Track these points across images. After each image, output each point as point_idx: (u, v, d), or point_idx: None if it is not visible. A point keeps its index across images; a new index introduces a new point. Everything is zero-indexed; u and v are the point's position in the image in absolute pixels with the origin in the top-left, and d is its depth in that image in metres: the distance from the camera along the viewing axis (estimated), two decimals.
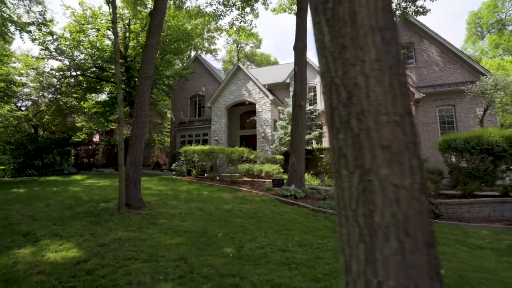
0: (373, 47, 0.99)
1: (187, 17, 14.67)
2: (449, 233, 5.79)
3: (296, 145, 10.15)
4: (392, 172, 0.95)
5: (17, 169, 14.48)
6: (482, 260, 4.36)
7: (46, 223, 5.50)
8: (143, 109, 7.63)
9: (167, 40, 19.31)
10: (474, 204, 7.23)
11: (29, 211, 6.32)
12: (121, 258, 3.94)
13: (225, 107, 20.05)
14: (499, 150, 7.14)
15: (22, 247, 4.22)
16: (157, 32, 7.84)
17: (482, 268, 4.06)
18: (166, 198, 8.53)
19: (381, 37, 1.00)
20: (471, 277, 3.75)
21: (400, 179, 0.95)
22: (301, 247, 4.65)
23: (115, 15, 7.25)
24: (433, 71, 14.16)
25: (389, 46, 1.01)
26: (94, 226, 5.43)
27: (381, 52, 0.99)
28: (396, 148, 0.96)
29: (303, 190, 9.28)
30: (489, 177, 7.49)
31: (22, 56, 17.40)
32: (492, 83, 9.60)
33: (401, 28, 14.87)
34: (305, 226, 5.95)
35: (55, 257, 3.88)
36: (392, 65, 0.99)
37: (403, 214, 0.94)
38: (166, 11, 8.98)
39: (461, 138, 7.71)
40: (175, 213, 6.73)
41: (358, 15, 1.01)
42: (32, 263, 3.69)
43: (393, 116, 0.97)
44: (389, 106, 0.97)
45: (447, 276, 3.76)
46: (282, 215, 6.81)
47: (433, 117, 13.82)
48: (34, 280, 3.26)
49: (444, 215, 7.17)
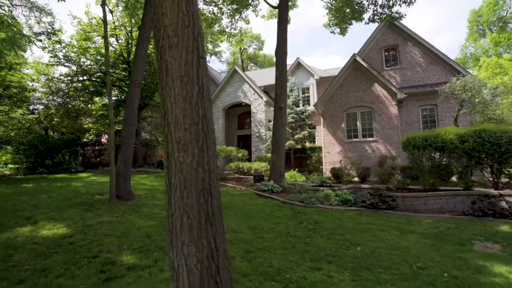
0: (176, 87, 1.85)
1: None
2: (394, 221, 6.51)
3: (276, 144, 10.97)
4: (180, 155, 1.81)
5: (29, 168, 15.82)
6: (404, 241, 5.10)
7: (46, 210, 6.54)
8: (132, 113, 8.62)
9: None
10: (430, 197, 7.88)
11: (34, 201, 7.40)
12: (100, 235, 4.89)
13: (223, 108, 20.99)
14: (452, 147, 7.78)
15: (23, 227, 5.24)
16: (145, 45, 8.83)
17: (398, 246, 4.81)
18: (156, 192, 9.50)
19: (180, 80, 1.85)
20: (382, 252, 4.51)
21: (184, 158, 1.80)
22: (251, 229, 5.50)
23: (106, 32, 8.28)
24: (416, 72, 14.68)
25: (186, 85, 1.86)
26: (85, 213, 6.43)
27: (181, 89, 1.84)
28: (183, 142, 1.81)
29: (281, 185, 10.10)
30: (445, 172, 8.13)
31: (34, 63, 18.85)
32: (461, 84, 10.16)
33: (387, 31, 15.44)
34: (266, 215, 6.79)
35: (48, 234, 4.87)
36: (186, 96, 1.84)
37: (184, 178, 1.80)
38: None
39: (420, 137, 8.37)
40: (158, 203, 7.68)
41: (170, 68, 1.87)
42: (29, 237, 4.69)
43: (183, 125, 1.81)
44: (181, 119, 1.82)
45: (361, 251, 4.54)
46: (251, 206, 7.67)
47: (415, 116, 14.36)
48: (29, 248, 4.24)
49: (401, 207, 7.85)
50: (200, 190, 1.83)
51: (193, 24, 1.94)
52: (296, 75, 21.08)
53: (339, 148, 14.81)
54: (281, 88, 11.10)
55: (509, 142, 7.12)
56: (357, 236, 5.28)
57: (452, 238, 5.30)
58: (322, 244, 4.80)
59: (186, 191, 1.80)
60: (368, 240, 5.10)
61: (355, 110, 14.84)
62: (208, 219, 1.82)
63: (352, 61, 14.87)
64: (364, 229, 5.80)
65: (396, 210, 7.59)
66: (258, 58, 45.24)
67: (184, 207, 1.79)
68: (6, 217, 5.87)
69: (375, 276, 3.57)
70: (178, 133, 1.83)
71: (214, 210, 1.89)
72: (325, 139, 15.44)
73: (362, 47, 15.84)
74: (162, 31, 1.93)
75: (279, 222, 6.20)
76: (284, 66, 11.40)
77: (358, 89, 14.81)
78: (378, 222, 6.39)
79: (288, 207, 7.77)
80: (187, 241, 1.77)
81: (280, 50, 11.18)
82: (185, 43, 1.89)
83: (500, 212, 6.58)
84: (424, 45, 14.47)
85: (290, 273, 3.53)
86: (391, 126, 13.78)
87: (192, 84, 1.88)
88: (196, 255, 1.75)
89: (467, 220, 6.61)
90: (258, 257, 4.09)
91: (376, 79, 14.33)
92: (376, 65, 15.60)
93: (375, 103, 14.35)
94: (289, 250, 4.45)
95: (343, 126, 14.97)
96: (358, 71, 14.90)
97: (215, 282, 1.76)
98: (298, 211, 7.28)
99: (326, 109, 15.46)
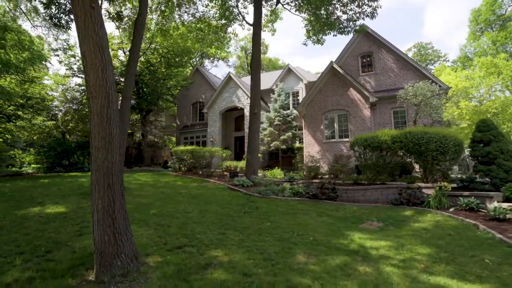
0: (95, 118, 3.56)
1: (179, 39, 17.49)
2: (323, 208, 7.97)
3: (251, 145, 12.58)
4: (97, 154, 3.51)
5: (49, 167, 18.27)
6: (312, 221, 6.59)
7: (53, 198, 8.53)
8: (124, 121, 10.51)
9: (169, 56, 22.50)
10: (368, 189, 9.26)
11: (46, 192, 9.45)
12: (87, 213, 6.75)
13: (219, 112, 22.81)
14: (386, 147, 9.12)
15: (34, 207, 7.20)
16: (134, 65, 10.72)
17: (303, 224, 6.31)
18: (145, 185, 11.38)
19: (97, 115, 3.57)
20: (284, 226, 6.05)
21: (98, 155, 3.51)
22: (200, 211, 7.18)
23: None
24: (389, 77, 15.82)
25: (100, 117, 3.56)
26: (82, 199, 8.35)
27: (97, 119, 3.55)
28: (98, 147, 3.51)
29: (252, 180, 11.71)
30: (381, 169, 9.45)
31: (53, 75, 21.51)
32: (412, 90, 11.35)
33: (363, 39, 16.65)
34: (223, 202, 8.44)
35: (50, 211, 6.79)
36: (100, 123, 3.55)
37: (97, 165, 3.50)
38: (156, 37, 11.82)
39: (363, 138, 9.74)
40: (143, 194, 9.52)
41: (93, 108, 3.59)
42: (37, 213, 6.61)
43: (98, 138, 3.51)
44: (97, 135, 3.51)
45: (270, 225, 6.11)
46: (216, 196, 9.35)
47: (388, 118, 15.50)
48: (36, 219, 6.14)
49: (344, 197, 9.27)
50: (105, 172, 3.53)
51: (105, 84, 3.65)
52: (286, 80, 22.58)
53: (318, 148, 16.21)
54: (255, 95, 12.71)
55: (428, 142, 8.40)
56: (279, 217, 6.84)
57: (354, 219, 6.75)
58: (246, 222, 6.41)
59: (99, 172, 3.50)
60: (285, 220, 6.65)
61: (333, 113, 16.20)
62: (109, 186, 3.52)
63: (329, 68, 16.25)
64: (291, 213, 7.35)
65: (336, 200, 9.03)
66: (263, 62, 46.77)
67: (97, 179, 3.50)
68: (24, 201, 7.89)
69: (260, 237, 5.16)
70: (96, 142, 3.54)
71: (114, 182, 3.58)
72: (306, 139, 16.88)
73: (340, 54, 17.13)
74: (89, 88, 3.65)
75: (228, 207, 7.84)
76: (258, 78, 12.99)
77: (335, 94, 16.16)
78: (309, 208, 7.89)
79: (246, 197, 9.39)
80: (97, 196, 3.49)
81: (254, 64, 12.79)
82: (100, 95, 3.61)
83: (413, 202, 7.91)
84: (396, 52, 15.59)
85: (201, 234, 5.20)
86: (364, 127, 15.03)
87: (103, 117, 3.59)
88: (102, 203, 3.46)
89: (386, 207, 7.98)
90: (189, 225, 5.78)
91: (351, 84, 15.64)
92: (353, 71, 16.85)
93: (351, 106, 15.65)
94: (216, 224, 6.10)
95: (322, 127, 16.36)
96: (335, 77, 16.25)
97: (111, 217, 3.46)
98: (251, 200, 8.89)
99: (307, 112, 16.90)
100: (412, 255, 4.28)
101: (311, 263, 3.96)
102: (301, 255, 4.27)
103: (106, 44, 3.88)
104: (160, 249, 4.40)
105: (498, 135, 7.96)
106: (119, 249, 3.52)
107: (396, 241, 4.97)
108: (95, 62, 3.66)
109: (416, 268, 3.80)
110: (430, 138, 8.42)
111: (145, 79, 22.33)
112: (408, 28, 74.50)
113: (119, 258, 3.49)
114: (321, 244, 4.85)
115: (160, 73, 22.38)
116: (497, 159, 7.74)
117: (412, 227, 5.97)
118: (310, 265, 3.90)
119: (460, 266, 3.82)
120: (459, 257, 4.12)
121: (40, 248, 4.40)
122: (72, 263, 3.80)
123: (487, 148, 7.91)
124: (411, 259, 4.13)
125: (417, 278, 3.49)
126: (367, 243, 4.88)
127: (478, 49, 31.74)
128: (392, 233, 5.54)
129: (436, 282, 3.36)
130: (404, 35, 71.87)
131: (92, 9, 3.71)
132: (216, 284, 3.31)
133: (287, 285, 3.29)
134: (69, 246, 4.49)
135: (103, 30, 3.86)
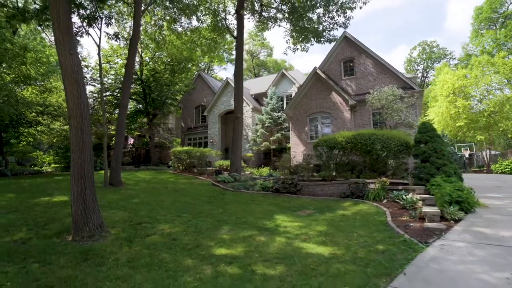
0: (73, 129, 5.21)
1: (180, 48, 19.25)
2: (278, 199, 9.37)
3: (234, 146, 14.11)
4: (74, 155, 5.15)
5: (66, 167, 20.68)
6: (252, 208, 8.01)
7: (62, 191, 10.44)
8: (121, 126, 12.34)
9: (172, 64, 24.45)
10: (325, 185, 10.54)
11: (56, 186, 11.43)
12: None
13: (218, 115, 24.51)
14: (340, 147, 10.36)
15: (44, 197, 9.10)
16: (130, 79, 12.52)
17: (242, 210, 7.75)
18: (141, 181, 13.18)
19: (74, 128, 5.21)
20: (231, 211, 7.53)
21: (75, 155, 5.15)
22: (172, 201, 8.79)
23: (101, 70, 12.08)
24: (368, 80, 16.82)
25: (76, 130, 5.20)
26: None
27: (74, 131, 5.20)
28: (75, 150, 5.14)
29: (233, 177, 13.23)
30: (339, 166, 10.69)
31: None
32: (376, 95, 12.44)
33: (345, 45, 17.73)
34: (197, 195, 10.03)
35: (56, 200, 8.64)
36: (76, 134, 5.18)
37: (75, 162, 5.16)
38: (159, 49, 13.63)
39: (323, 139, 11.00)
40: (137, 188, 11.28)
41: (71, 124, 5.25)
42: (46, 201, 8.48)
43: (75, 143, 5.17)
44: (75, 141, 5.16)
45: (221, 212, 7.61)
46: (196, 190, 10.95)
47: (367, 120, 16.52)
48: (44, 205, 7.98)
49: (305, 191, 10.60)
50: (79, 166, 5.18)
51: (80, 107, 5.30)
52: (281, 83, 23.91)
53: (303, 148, 17.49)
54: (238, 101, 14.22)
55: (373, 142, 9.59)
56: (233, 206, 8.32)
57: (296, 208, 8.13)
58: (204, 209, 7.94)
59: (75, 167, 5.16)
60: (236, 208, 8.12)
61: (316, 115, 17.44)
62: (81, 177, 5.17)
63: (314, 73, 17.49)
64: (247, 202, 8.82)
65: (297, 194, 10.39)
66: (268, 64, 48.17)
67: (73, 172, 5.16)
68: (38, 193, 9.84)
69: (205, 219, 6.68)
70: (73, 147, 5.20)
71: (85, 174, 5.23)
72: (292, 140, 18.21)
73: (324, 59, 18.28)
74: (68, 109, 5.33)
75: (198, 198, 9.42)
76: (241, 84, 14.49)
77: (319, 97, 17.38)
78: (266, 200, 9.32)
79: (220, 191, 10.94)
80: (74, 184, 5.16)
81: (237, 72, 14.30)
82: (76, 114, 5.26)
83: (357, 194, 9.15)
84: (375, 57, 16.58)
85: (161, 216, 6.79)
86: (345, 128, 16.16)
87: (78, 129, 5.24)
88: (76, 188, 5.12)
89: (334, 199, 9.27)
90: (156, 210, 7.40)
91: (333, 88, 16.82)
92: (336, 75, 17.97)
93: (333, 108, 16.84)
94: (179, 210, 7.68)
95: (306, 129, 17.64)
96: (319, 82, 17.47)
97: (82, 198, 5.12)
98: (222, 193, 10.43)
99: (293, 115, 18.22)
100: (308, 231, 5.66)
101: (225, 234, 5.45)
102: (224, 230, 5.77)
103: (81, 77, 5.55)
104: (124, 224, 6.04)
105: (433, 136, 9.03)
106: (88, 220, 5.18)
107: (308, 223, 6.34)
108: (72, 91, 5.33)
109: (299, 239, 5.19)
110: (376, 139, 9.60)
111: (151, 86, 24.38)
112: (429, 21, 74.34)
113: (87, 226, 5.14)
114: (247, 223, 6.31)
115: (164, 80, 24.32)
116: (431, 157, 8.83)
117: (335, 213, 7.28)
118: (224, 235, 5.39)
119: (331, 237, 5.17)
120: (339, 233, 5.46)
121: (41, 222, 6.16)
122: (60, 230, 5.51)
123: (423, 148, 9.01)
124: (304, 234, 5.51)
125: (291, 244, 4.89)
126: (283, 223, 6.29)
127: (479, 47, 31.58)
128: (313, 218, 6.90)
129: (299, 246, 4.75)
130: (424, 29, 71.51)
131: (71, 55, 5.38)
132: (151, 243, 4.88)
133: (196, 244, 4.80)
134: (61, 221, 6.23)
135: (79, 67, 5.53)
